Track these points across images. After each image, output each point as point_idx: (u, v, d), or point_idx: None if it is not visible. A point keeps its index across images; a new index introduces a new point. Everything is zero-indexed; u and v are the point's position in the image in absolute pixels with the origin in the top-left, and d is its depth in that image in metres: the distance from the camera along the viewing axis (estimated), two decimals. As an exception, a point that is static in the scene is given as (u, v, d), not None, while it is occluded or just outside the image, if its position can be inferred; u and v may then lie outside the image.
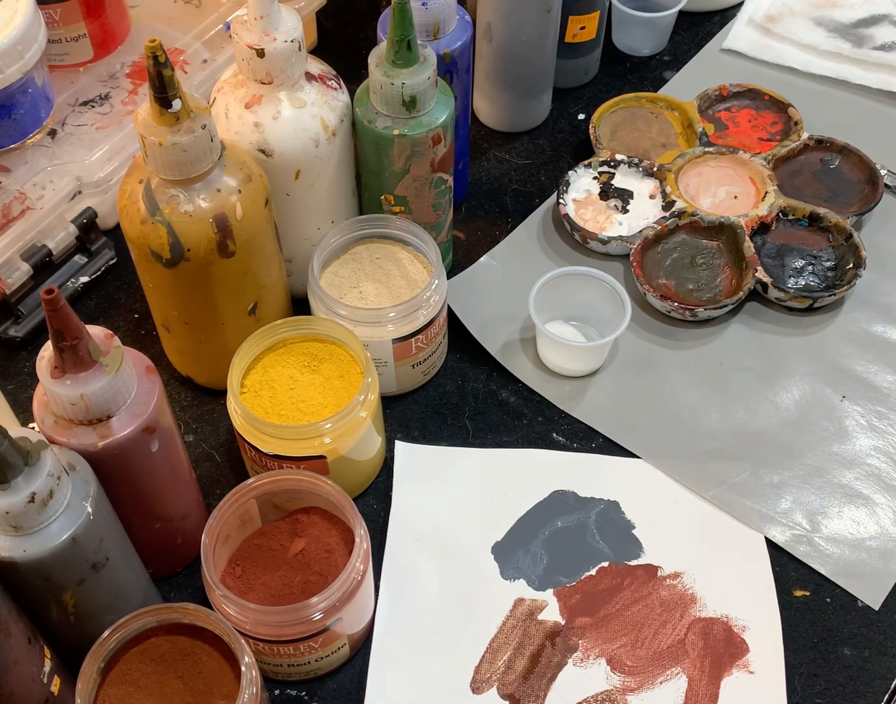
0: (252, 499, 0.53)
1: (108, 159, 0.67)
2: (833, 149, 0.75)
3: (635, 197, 0.73)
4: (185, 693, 0.47)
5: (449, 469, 0.62)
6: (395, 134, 0.59)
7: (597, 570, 0.57)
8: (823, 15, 0.87)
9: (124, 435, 0.47)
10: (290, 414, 0.56)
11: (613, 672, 0.54)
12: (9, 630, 0.42)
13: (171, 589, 0.57)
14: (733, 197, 0.73)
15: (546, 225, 0.74)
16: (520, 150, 0.79)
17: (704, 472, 0.61)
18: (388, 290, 0.62)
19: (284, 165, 0.59)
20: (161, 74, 0.48)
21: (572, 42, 0.79)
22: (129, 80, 0.74)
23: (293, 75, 0.57)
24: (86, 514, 0.44)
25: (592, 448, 0.63)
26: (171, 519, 0.54)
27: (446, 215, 0.66)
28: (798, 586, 0.57)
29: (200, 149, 0.51)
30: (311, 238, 0.64)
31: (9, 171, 0.68)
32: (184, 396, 0.65)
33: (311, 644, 0.50)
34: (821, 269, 0.69)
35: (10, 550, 0.43)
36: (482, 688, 0.53)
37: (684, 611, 0.56)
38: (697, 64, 0.85)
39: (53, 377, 0.45)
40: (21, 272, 0.65)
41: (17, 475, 0.41)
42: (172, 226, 0.53)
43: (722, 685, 0.53)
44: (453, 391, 0.66)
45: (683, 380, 0.65)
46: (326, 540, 0.54)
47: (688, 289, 0.69)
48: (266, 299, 0.61)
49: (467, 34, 0.65)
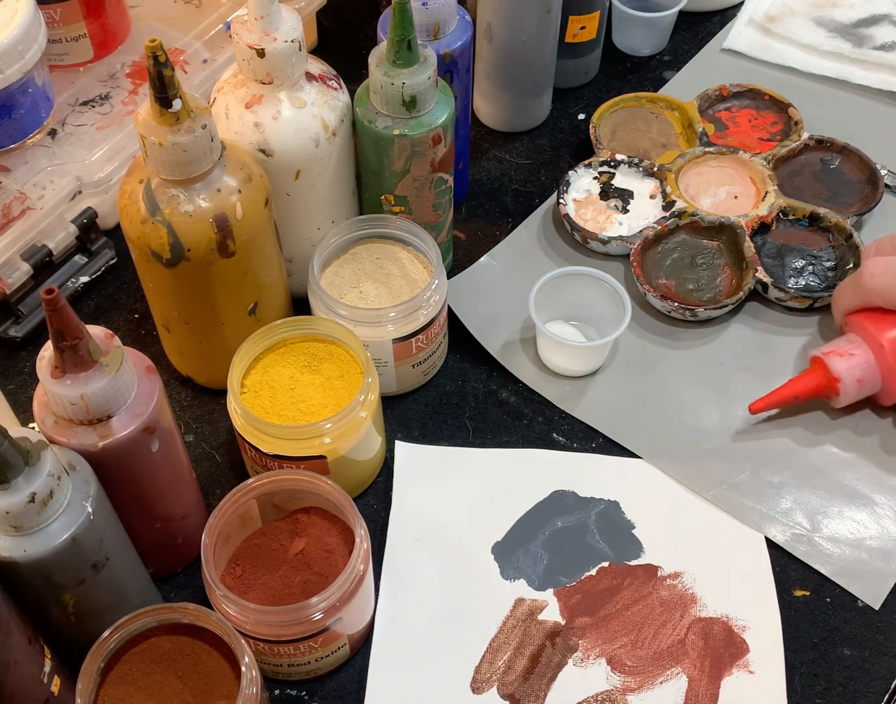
0: (252, 499, 0.53)
1: (108, 159, 0.67)
2: (833, 149, 0.75)
3: (635, 197, 0.73)
4: (185, 693, 0.47)
5: (449, 469, 0.62)
6: (396, 134, 0.59)
7: (597, 570, 0.58)
8: (823, 15, 0.87)
9: (124, 435, 0.47)
10: (290, 414, 0.56)
11: (613, 672, 0.54)
12: (9, 630, 0.42)
13: (171, 589, 0.57)
14: (733, 197, 0.73)
15: (546, 225, 0.74)
16: (520, 150, 0.79)
17: (704, 472, 0.61)
18: (389, 290, 0.62)
19: (284, 165, 0.59)
20: (161, 74, 0.48)
21: (572, 42, 0.79)
22: (130, 80, 0.74)
23: (293, 75, 0.57)
24: (86, 514, 0.44)
25: (592, 448, 0.63)
26: (171, 519, 0.54)
27: (446, 215, 0.66)
28: (798, 586, 0.57)
29: (201, 149, 0.51)
30: (312, 238, 0.64)
31: (9, 171, 0.68)
32: (184, 396, 0.65)
33: (311, 644, 0.50)
34: (821, 269, 0.69)
35: (10, 550, 0.43)
36: (482, 688, 0.53)
37: (684, 611, 0.56)
38: (697, 64, 0.85)
39: (53, 377, 0.45)
40: (21, 272, 0.65)
41: (17, 475, 0.41)
42: (172, 226, 0.53)
43: (722, 685, 0.53)
44: (453, 391, 0.66)
45: (683, 380, 0.65)
46: (326, 540, 0.54)
47: (688, 289, 0.69)
48: (266, 299, 0.61)
49: (467, 34, 0.65)
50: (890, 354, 0.59)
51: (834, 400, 0.62)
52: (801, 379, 0.62)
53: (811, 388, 0.61)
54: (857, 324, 0.61)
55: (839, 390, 0.60)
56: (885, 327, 0.60)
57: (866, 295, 0.60)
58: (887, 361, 0.59)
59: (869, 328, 0.60)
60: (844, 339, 0.62)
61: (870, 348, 0.60)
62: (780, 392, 0.62)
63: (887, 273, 0.59)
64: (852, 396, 0.61)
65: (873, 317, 0.60)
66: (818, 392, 0.62)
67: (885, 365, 0.60)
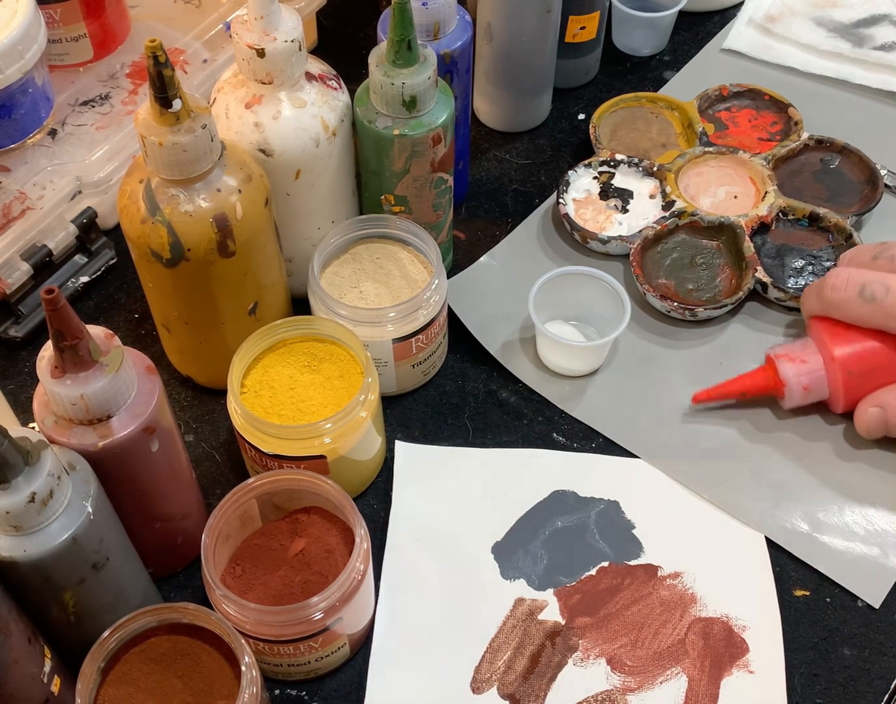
0: (252, 499, 0.53)
1: (108, 159, 0.67)
2: (833, 149, 0.75)
3: (635, 197, 0.73)
4: (185, 693, 0.47)
5: (449, 469, 0.62)
6: (396, 134, 0.59)
7: (597, 570, 0.58)
8: (823, 15, 0.87)
9: (124, 435, 0.47)
10: (290, 414, 0.56)
11: (613, 671, 0.54)
12: (9, 630, 0.42)
13: (171, 589, 0.57)
14: (733, 197, 0.73)
15: (546, 225, 0.74)
16: (520, 150, 0.79)
17: (704, 472, 0.61)
18: (389, 290, 0.62)
19: (284, 165, 0.59)
20: (161, 74, 0.48)
21: (572, 42, 0.79)
22: (130, 80, 0.74)
23: (293, 75, 0.58)
24: (86, 514, 0.44)
25: (592, 448, 0.63)
26: (171, 519, 0.54)
27: (446, 215, 0.66)
28: (798, 586, 0.57)
29: (201, 148, 0.51)
30: (312, 238, 0.64)
31: (9, 171, 0.68)
32: (184, 396, 0.65)
33: (312, 643, 0.50)
34: (821, 269, 0.69)
35: (10, 550, 0.43)
36: (482, 688, 0.53)
37: (684, 611, 0.56)
38: (697, 64, 0.85)
39: (53, 377, 0.45)
40: (21, 272, 0.65)
41: (17, 475, 0.41)
42: (172, 226, 0.53)
43: (722, 685, 0.53)
44: (453, 391, 0.66)
45: (683, 380, 0.65)
46: (326, 540, 0.54)
47: (688, 288, 0.69)
48: (266, 299, 0.61)
49: (467, 34, 0.65)
50: (839, 368, 0.59)
51: (781, 401, 0.62)
52: (749, 376, 0.62)
53: (758, 386, 0.62)
54: (816, 330, 0.61)
55: (784, 393, 0.61)
56: (840, 341, 0.59)
57: (825, 305, 0.60)
58: (836, 374, 0.59)
59: (825, 338, 0.60)
60: (801, 343, 0.62)
61: (822, 358, 0.60)
62: (727, 386, 0.62)
63: (847, 288, 0.59)
64: (797, 401, 0.61)
65: (832, 329, 0.60)
66: (765, 391, 0.62)
67: (833, 378, 0.60)
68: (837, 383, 0.60)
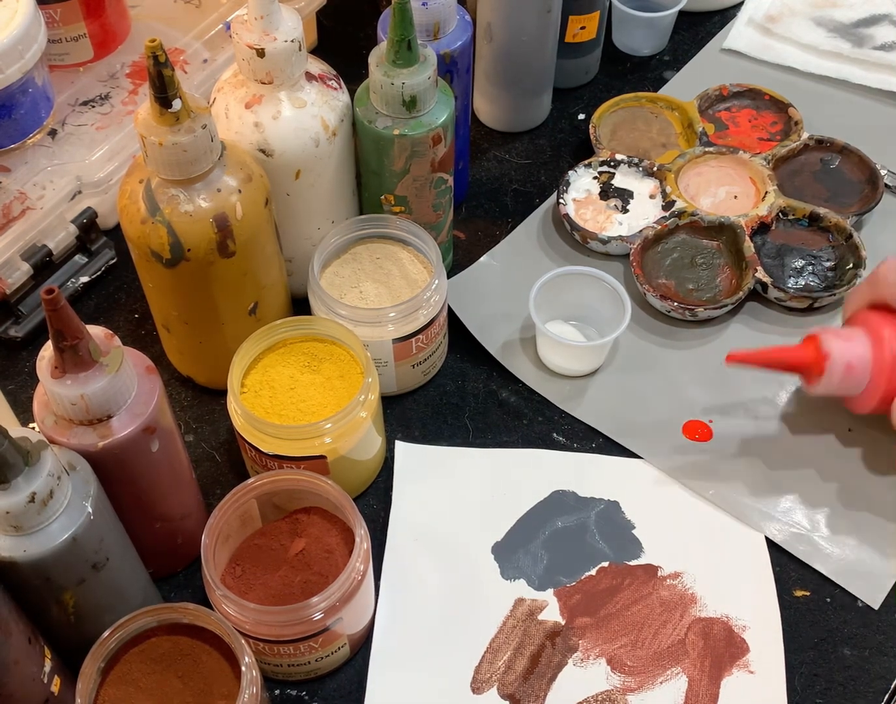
0: (252, 499, 0.53)
1: (108, 159, 0.67)
2: (833, 149, 0.75)
3: (635, 197, 0.73)
4: (185, 693, 0.47)
5: (449, 469, 0.62)
6: (396, 134, 0.59)
7: (597, 570, 0.58)
8: (823, 15, 0.87)
9: (124, 435, 0.47)
10: (290, 414, 0.56)
11: (613, 672, 0.54)
12: (9, 630, 0.42)
13: (171, 589, 0.57)
14: (733, 197, 0.73)
15: (546, 225, 0.74)
16: (520, 150, 0.79)
17: (704, 472, 0.61)
18: (389, 290, 0.62)
19: (284, 165, 0.59)
20: (161, 74, 0.48)
21: (572, 42, 0.79)
22: (130, 80, 0.74)
23: (293, 75, 0.57)
24: (86, 514, 0.44)
25: (592, 448, 0.63)
26: (171, 519, 0.54)
27: (446, 215, 0.66)
28: (798, 586, 0.57)
29: (200, 149, 0.51)
30: (312, 238, 0.64)
31: (9, 171, 0.68)
32: (184, 396, 0.65)
33: (312, 644, 0.50)
34: (821, 269, 0.69)
35: (10, 550, 0.43)
36: (482, 688, 0.53)
37: (684, 611, 0.56)
38: (697, 64, 0.85)
39: (53, 377, 0.45)
40: (21, 272, 0.65)
41: (17, 475, 0.41)
42: (172, 226, 0.53)
43: (722, 685, 0.53)
44: (453, 391, 0.66)
45: (683, 380, 0.65)
46: (326, 540, 0.54)
47: (688, 288, 0.69)
48: (266, 299, 0.61)
49: (467, 34, 0.65)
50: (887, 348, 0.57)
51: (815, 382, 0.58)
52: (788, 348, 0.59)
53: (796, 359, 0.58)
54: (862, 317, 0.59)
55: (825, 368, 0.57)
56: (890, 322, 0.58)
57: (881, 289, 0.58)
58: (882, 354, 0.57)
59: (873, 318, 0.58)
60: (845, 328, 0.60)
61: (869, 339, 0.57)
62: (766, 352, 0.59)
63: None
64: (834, 382, 0.57)
65: (881, 312, 0.58)
66: (804, 364, 0.58)
67: (878, 358, 0.57)
68: (883, 366, 0.57)
